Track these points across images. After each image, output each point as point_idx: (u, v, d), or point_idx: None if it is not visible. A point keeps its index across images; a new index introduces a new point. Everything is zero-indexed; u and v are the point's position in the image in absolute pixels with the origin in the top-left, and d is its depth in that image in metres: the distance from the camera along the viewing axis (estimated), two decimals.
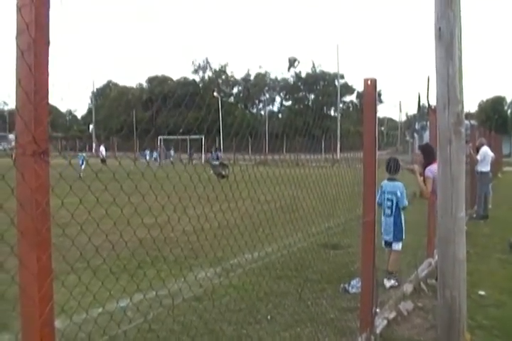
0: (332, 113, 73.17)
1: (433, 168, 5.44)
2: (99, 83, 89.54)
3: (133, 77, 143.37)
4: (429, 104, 6.38)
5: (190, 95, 54.47)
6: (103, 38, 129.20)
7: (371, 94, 4.04)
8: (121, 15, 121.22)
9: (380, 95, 66.81)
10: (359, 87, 73.42)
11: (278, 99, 78.77)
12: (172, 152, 34.00)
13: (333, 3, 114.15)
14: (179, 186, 2.43)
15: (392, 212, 5.96)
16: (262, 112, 77.01)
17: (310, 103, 76.76)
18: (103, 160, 22.82)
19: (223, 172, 17.56)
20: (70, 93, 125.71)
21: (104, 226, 2.08)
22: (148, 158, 29.10)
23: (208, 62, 79.61)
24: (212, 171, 16.22)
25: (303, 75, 76.33)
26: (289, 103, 78.89)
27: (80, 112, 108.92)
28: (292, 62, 76.31)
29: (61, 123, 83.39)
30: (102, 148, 26.45)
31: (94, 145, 52.86)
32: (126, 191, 2.08)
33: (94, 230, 2.01)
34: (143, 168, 2.27)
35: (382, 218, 5.97)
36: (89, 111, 79.18)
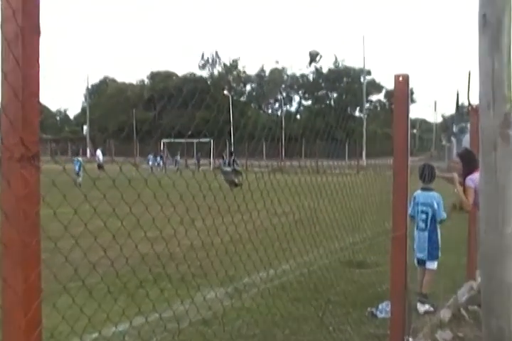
0: (357, 113, 73.20)
1: (474, 177, 5.36)
2: (95, 79, 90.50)
3: (133, 72, 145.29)
4: (469, 103, 6.29)
5: (198, 93, 54.81)
6: (99, 29, 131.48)
7: (403, 91, 4.00)
8: (120, 6, 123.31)
9: (412, 93, 66.55)
10: (388, 84, 73.44)
11: (296, 97, 79.25)
12: (178, 157, 34.10)
13: None
14: (187, 195, 2.42)
15: (426, 225, 5.88)
16: (279, 113, 77.28)
17: (332, 102, 76.88)
18: (100, 166, 22.89)
19: (236, 180, 17.55)
20: (61, 89, 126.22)
21: (102, 239, 2.07)
22: (151, 163, 29.18)
23: (217, 56, 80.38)
24: (223, 178, 16.22)
25: (324, 71, 76.52)
26: (308, 102, 79.22)
27: (72, 111, 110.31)
28: (314, 57, 76.37)
29: (51, 123, 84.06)
30: (99, 152, 26.50)
31: (88, 148, 53.08)
32: (127, 200, 2.07)
33: (90, 244, 2.00)
34: (146, 175, 2.27)
35: (415, 233, 5.89)
36: (83, 110, 79.77)
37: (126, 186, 2.21)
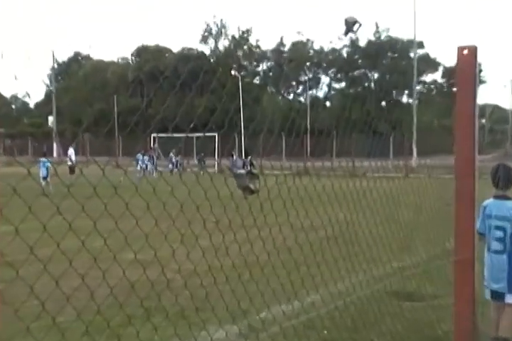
0: (405, 99, 72.96)
1: None
2: (63, 55, 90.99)
3: (113, 47, 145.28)
4: None
5: (199, 74, 54.99)
6: None
7: (468, 68, 3.99)
8: None
9: (480, 71, 65.69)
10: (447, 60, 73.07)
11: (325, 79, 79.20)
12: (177, 157, 34.23)
13: None
14: (188, 205, 2.43)
15: (504, 246, 5.78)
16: (302, 99, 77.35)
17: (372, 84, 76.71)
18: (72, 169, 22.85)
19: (252, 186, 17.52)
20: (17, 69, 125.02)
21: (78, 263, 2.09)
22: (140, 164, 29.02)
23: (223, 27, 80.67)
24: (236, 184, 16.17)
25: (362, 44, 76.29)
26: (341, 85, 79.17)
27: (34, 98, 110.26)
28: (351, 25, 75.18)
29: (4, 113, 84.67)
30: (71, 151, 26.39)
31: (55, 146, 52.84)
32: (111, 213, 2.09)
33: (63, 270, 2.02)
34: (136, 180, 2.29)
35: (487, 255, 5.82)
36: (48, 96, 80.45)
37: (111, 195, 2.23)
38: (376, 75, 77.33)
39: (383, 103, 68.37)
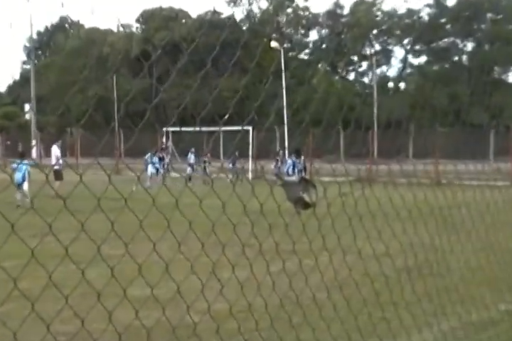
0: (511, 78, 71.59)
1: None
2: (44, 21, 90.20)
3: (112, 11, 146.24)
4: None
5: (227, 46, 55.00)
6: None
7: None
8: None
9: None
10: None
11: (399, 51, 78.22)
12: (192, 157, 33.83)
13: None
14: (222, 223, 2.43)
15: None
16: (367, 79, 76.82)
17: (464, 58, 75.78)
18: (58, 174, 22.73)
19: (307, 198, 17.33)
20: None
21: (76, 301, 2.11)
22: (151, 169, 28.88)
23: None
24: (286, 196, 16.00)
25: (449, 3, 75.31)
26: (420, 60, 78.30)
27: (5, 80, 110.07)
28: None
29: None
30: (56, 150, 25.99)
31: (35, 143, 52.84)
32: (119, 232, 2.10)
33: (57, 311, 2.04)
34: (152, 188, 2.30)
35: None
36: (24, 77, 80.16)
37: (116, 208, 2.26)
38: (470, 46, 76.33)
39: (480, 84, 66.81)
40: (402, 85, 75.18)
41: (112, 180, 2.24)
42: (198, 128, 17.86)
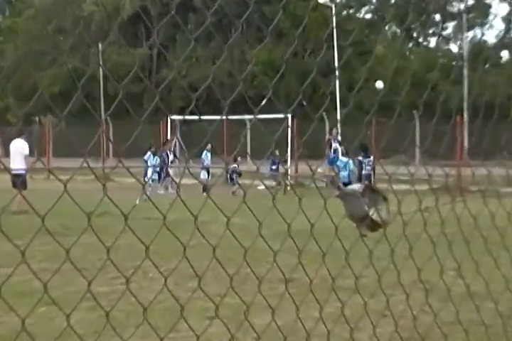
0: None
1: None
2: None
3: None
4: None
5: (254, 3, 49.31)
6: None
7: None
8: None
9: None
10: None
11: (499, 7, 64.26)
12: (207, 158, 28.58)
13: None
14: (256, 249, 2.21)
15: None
16: (454, 46, 61.64)
17: None
18: (21, 180, 19.17)
19: (375, 215, 16.18)
20: None
21: None
22: (150, 175, 25.74)
23: None
24: (346, 212, 14.92)
25: None
26: None
27: None
28: None
29: None
30: (19, 144, 21.72)
31: None
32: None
33: None
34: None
35: None
36: None
37: (103, 229, 1.98)
38: None
39: None
40: (504, 55, 52.79)
41: (94, 188, 1.88)
42: (220, 117, 15.60)
